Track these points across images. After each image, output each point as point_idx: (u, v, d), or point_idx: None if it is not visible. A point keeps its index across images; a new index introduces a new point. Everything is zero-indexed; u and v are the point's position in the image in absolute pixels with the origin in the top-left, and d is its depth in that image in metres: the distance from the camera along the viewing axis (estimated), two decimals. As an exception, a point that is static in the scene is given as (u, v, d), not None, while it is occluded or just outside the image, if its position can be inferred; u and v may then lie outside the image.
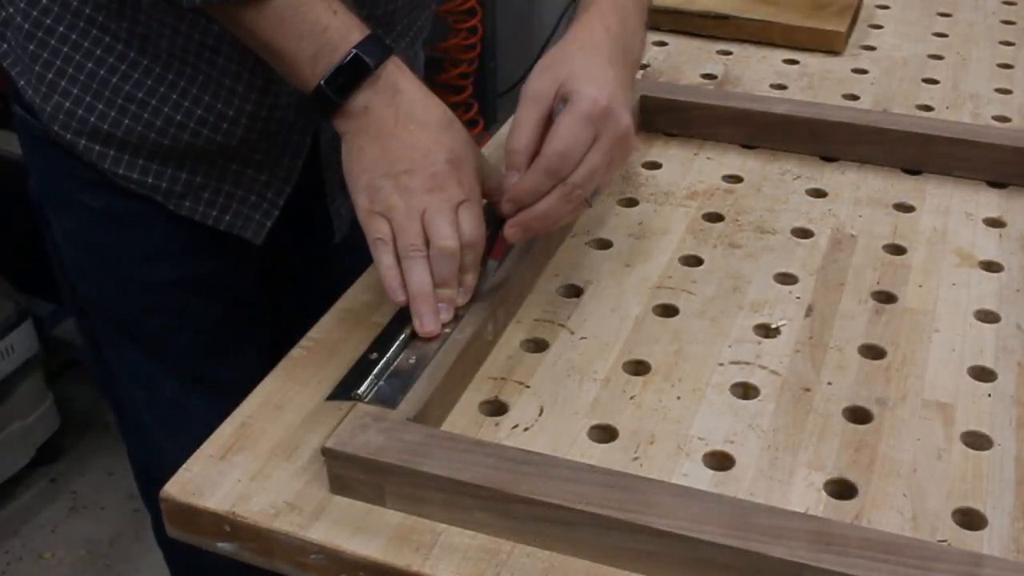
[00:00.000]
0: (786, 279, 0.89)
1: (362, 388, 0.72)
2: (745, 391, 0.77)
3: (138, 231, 0.98)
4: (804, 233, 0.94)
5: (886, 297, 0.87)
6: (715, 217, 0.97)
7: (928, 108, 1.15)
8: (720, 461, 0.71)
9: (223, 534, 0.68)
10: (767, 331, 0.83)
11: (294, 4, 0.76)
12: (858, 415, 0.75)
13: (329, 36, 0.76)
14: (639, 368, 0.79)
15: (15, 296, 1.89)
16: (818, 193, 1.00)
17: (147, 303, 1.01)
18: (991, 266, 0.90)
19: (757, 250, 0.92)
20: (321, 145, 0.96)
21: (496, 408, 0.76)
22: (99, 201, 0.96)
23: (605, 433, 0.74)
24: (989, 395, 0.77)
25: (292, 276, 1.13)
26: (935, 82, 1.20)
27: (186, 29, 0.86)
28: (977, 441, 0.73)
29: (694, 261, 0.91)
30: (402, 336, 0.76)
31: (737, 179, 1.02)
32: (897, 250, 0.92)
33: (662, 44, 1.28)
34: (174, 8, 0.81)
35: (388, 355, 0.74)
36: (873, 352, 0.81)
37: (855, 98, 1.17)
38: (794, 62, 1.25)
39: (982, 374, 0.79)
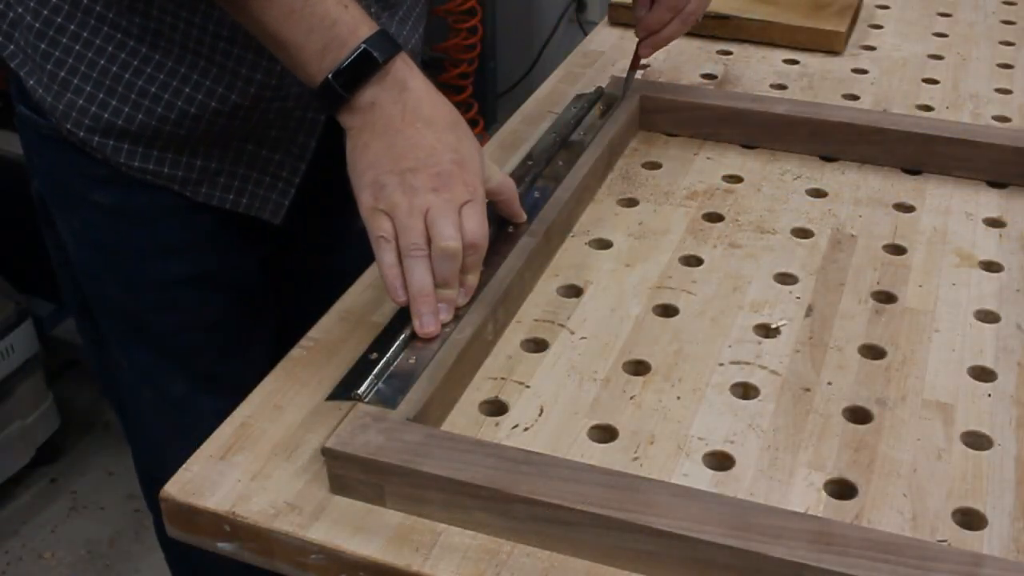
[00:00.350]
0: (786, 279, 0.89)
1: (362, 388, 0.72)
2: (745, 391, 0.77)
3: (150, 227, 0.98)
4: (804, 233, 0.94)
5: (886, 297, 0.87)
6: (715, 217, 0.97)
7: (928, 108, 1.15)
8: (720, 461, 0.71)
9: (223, 534, 0.68)
10: (767, 331, 0.83)
11: None
12: (858, 415, 0.75)
13: (338, 30, 0.76)
14: (639, 368, 0.79)
15: (15, 296, 1.89)
16: (818, 193, 1.00)
17: (157, 301, 1.01)
18: (991, 266, 0.90)
19: (757, 250, 0.92)
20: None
21: (496, 408, 0.76)
22: (110, 198, 0.96)
23: (605, 433, 0.74)
24: (989, 395, 0.77)
25: (302, 272, 1.13)
26: (935, 82, 1.21)
27: (200, 21, 0.86)
28: (977, 441, 0.73)
29: (694, 261, 0.91)
30: (402, 336, 0.76)
31: (737, 179, 1.02)
32: (897, 250, 0.92)
33: (662, 44, 1.28)
34: None
35: (388, 355, 0.74)
36: (873, 352, 0.81)
37: (855, 98, 1.17)
38: (794, 62, 1.25)
39: (982, 374, 0.79)
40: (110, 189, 0.95)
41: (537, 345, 0.81)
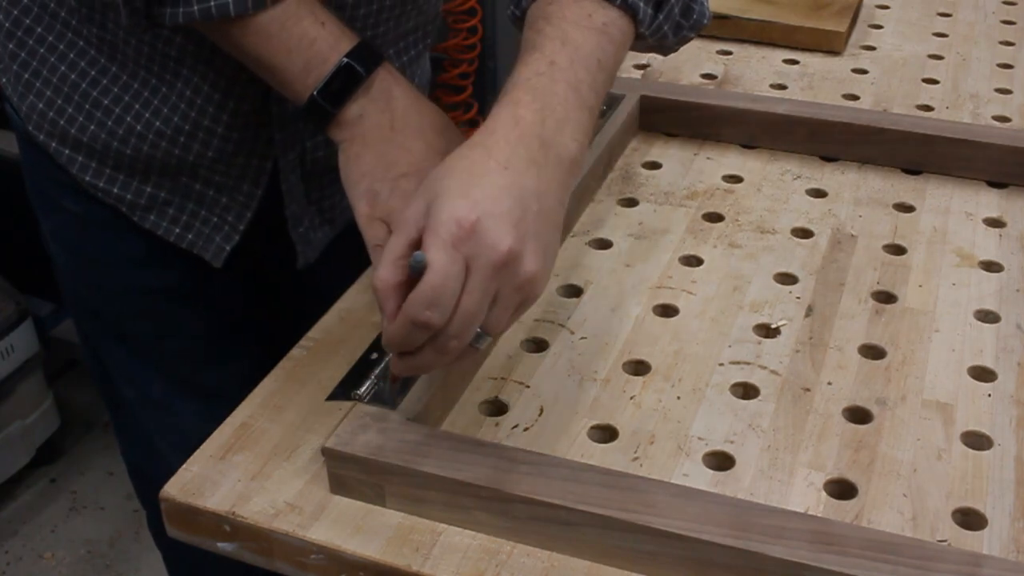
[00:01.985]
0: (786, 279, 0.89)
1: (362, 388, 0.72)
2: (745, 391, 0.77)
3: (115, 239, 0.97)
4: (804, 233, 0.94)
5: (886, 297, 0.87)
6: (715, 217, 0.97)
7: (928, 108, 1.15)
8: (720, 461, 0.71)
9: (223, 534, 0.68)
10: (767, 331, 0.83)
11: (280, 18, 0.75)
12: (858, 415, 0.75)
13: (318, 48, 0.76)
14: (639, 368, 0.79)
15: (15, 296, 1.89)
16: (818, 193, 1.00)
17: (132, 307, 1.01)
18: (991, 266, 0.90)
19: (757, 250, 0.92)
20: (281, 170, 0.93)
21: (496, 408, 0.76)
22: (78, 206, 0.96)
23: (605, 433, 0.74)
24: (989, 395, 0.77)
25: (275, 291, 1.12)
26: (935, 82, 1.21)
27: (149, 39, 0.85)
28: (977, 441, 0.73)
29: (694, 261, 0.91)
30: (402, 336, 0.76)
31: (737, 179, 1.02)
32: (897, 250, 0.92)
33: (662, 44, 1.28)
34: (153, 25, 0.79)
35: (388, 355, 0.74)
36: (873, 352, 0.81)
37: (855, 98, 1.17)
38: (794, 62, 1.25)
39: (982, 374, 0.79)
40: (77, 198, 0.95)
41: (537, 345, 0.81)
